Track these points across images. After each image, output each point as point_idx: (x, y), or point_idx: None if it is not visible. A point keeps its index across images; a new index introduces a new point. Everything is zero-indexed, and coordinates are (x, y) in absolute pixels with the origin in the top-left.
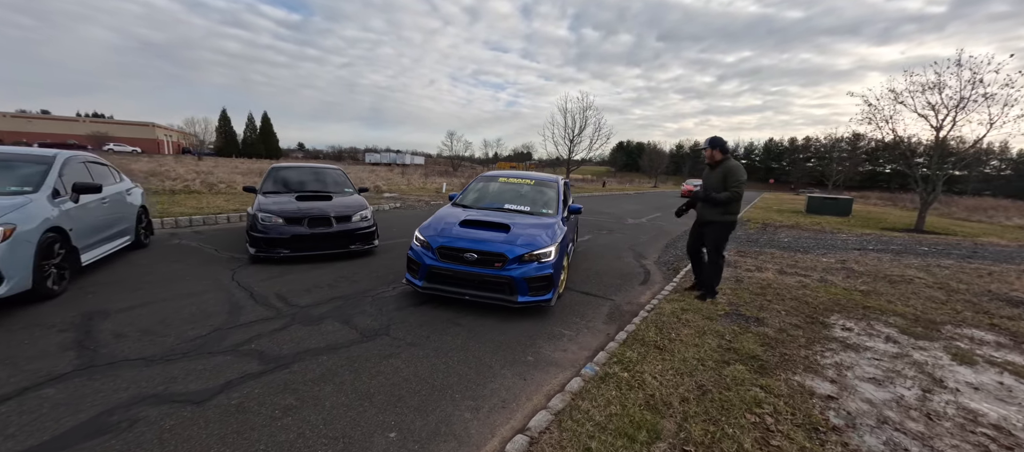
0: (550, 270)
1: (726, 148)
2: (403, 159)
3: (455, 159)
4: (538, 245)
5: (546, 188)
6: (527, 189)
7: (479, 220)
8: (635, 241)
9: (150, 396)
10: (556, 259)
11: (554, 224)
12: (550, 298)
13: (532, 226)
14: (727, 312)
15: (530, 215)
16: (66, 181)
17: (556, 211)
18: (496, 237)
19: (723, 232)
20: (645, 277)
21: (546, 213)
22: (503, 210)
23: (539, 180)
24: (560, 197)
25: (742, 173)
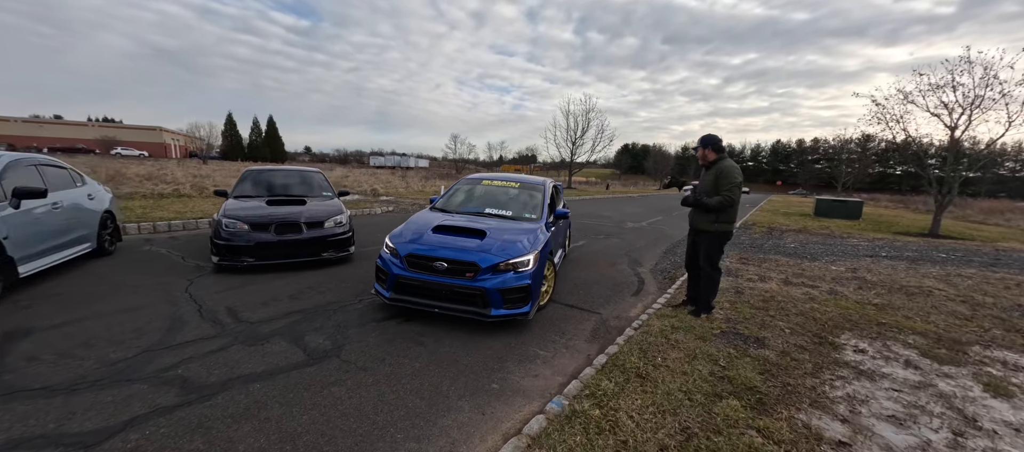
0: (528, 281)
1: (720, 147)
2: (407, 162)
3: (459, 162)
4: (515, 253)
5: (531, 191)
6: (512, 192)
7: (453, 225)
8: (633, 246)
9: (36, 438)
10: (535, 268)
11: (536, 230)
12: (528, 311)
13: (511, 232)
14: (724, 330)
15: (511, 220)
16: (7, 185)
17: (540, 216)
18: (469, 244)
19: (716, 242)
20: (638, 287)
21: (529, 218)
22: (482, 215)
23: (525, 183)
24: (545, 201)
25: (736, 175)
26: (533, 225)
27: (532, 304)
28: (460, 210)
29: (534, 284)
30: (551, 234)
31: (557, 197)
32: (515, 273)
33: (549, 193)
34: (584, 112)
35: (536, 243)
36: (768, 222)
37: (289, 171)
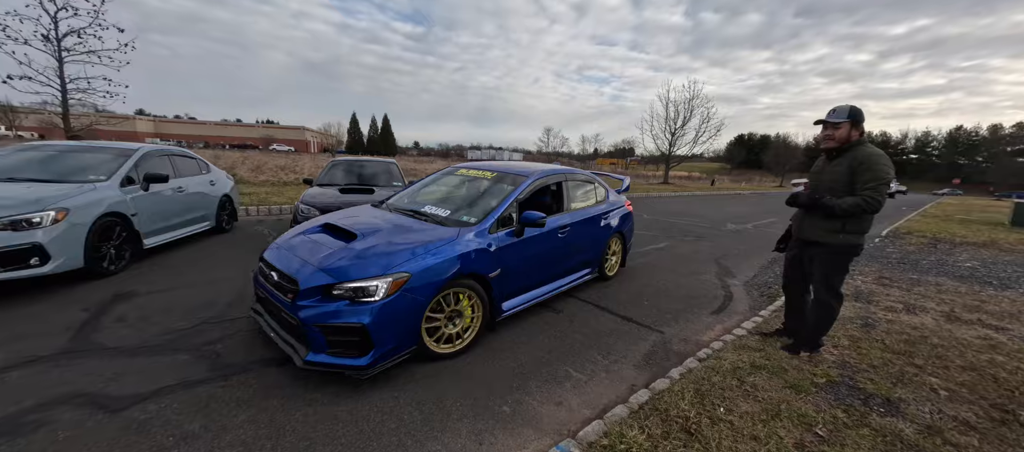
0: (366, 319)
1: (862, 122)
2: (502, 155)
3: (552, 155)
4: (359, 273)
5: (501, 184)
6: (474, 185)
7: (337, 225)
8: (726, 252)
9: (82, 395)
10: (396, 303)
11: (451, 241)
12: (365, 364)
13: (402, 239)
14: (832, 380)
15: (431, 222)
16: (141, 171)
17: (481, 219)
18: (320, 250)
19: (838, 260)
20: (723, 303)
21: (461, 222)
22: (413, 214)
23: (503, 173)
24: (508, 200)
25: (886, 168)
26: (452, 233)
27: (375, 354)
28: (397, 206)
29: (385, 328)
30: (504, 248)
31: (565, 194)
32: (350, 304)
33: (528, 189)
34: (687, 100)
35: (425, 259)
36: (934, 231)
37: (368, 162)
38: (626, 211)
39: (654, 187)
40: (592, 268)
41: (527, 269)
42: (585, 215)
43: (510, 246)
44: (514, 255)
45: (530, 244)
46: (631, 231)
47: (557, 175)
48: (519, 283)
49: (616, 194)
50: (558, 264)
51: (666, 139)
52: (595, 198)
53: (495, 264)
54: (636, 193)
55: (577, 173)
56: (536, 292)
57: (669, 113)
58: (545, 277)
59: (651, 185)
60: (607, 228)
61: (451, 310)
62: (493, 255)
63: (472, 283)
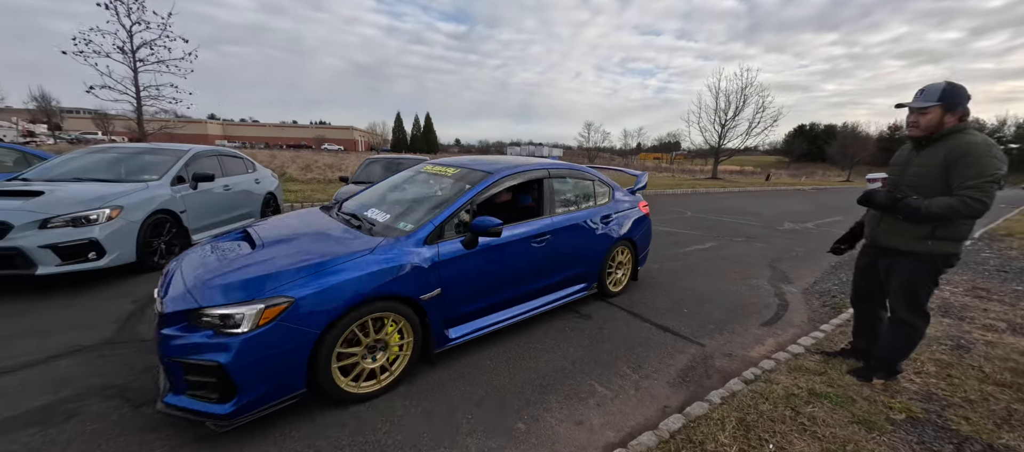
0: (221, 358)
1: (962, 104)
2: (541, 151)
3: (593, 150)
4: (220, 298)
5: (456, 184)
6: (437, 185)
7: (253, 229)
8: (782, 254)
9: (112, 387)
10: (268, 336)
11: (362, 255)
12: (227, 413)
13: (302, 252)
14: (914, 416)
15: (357, 230)
16: (190, 171)
17: (418, 225)
18: (202, 265)
19: (925, 273)
20: (776, 313)
21: (400, 230)
22: (350, 220)
23: (468, 171)
24: (458, 204)
25: (993, 160)
26: (368, 245)
27: (243, 403)
28: (347, 208)
29: (253, 368)
30: (448, 263)
31: (547, 194)
32: (215, 334)
33: (486, 189)
34: (739, 89)
35: (320, 280)
36: None
37: (403, 159)
38: (639, 214)
39: (701, 182)
40: (588, 283)
41: (485, 288)
42: (576, 219)
43: (458, 260)
44: (464, 271)
45: (489, 257)
46: (646, 237)
47: (535, 171)
48: (474, 305)
49: (627, 194)
50: (534, 280)
51: (715, 131)
52: (592, 198)
53: (432, 283)
54: (680, 189)
55: (567, 168)
56: (501, 316)
57: (719, 103)
58: (515, 296)
59: (697, 180)
60: (609, 235)
61: (372, 340)
62: (429, 272)
63: (398, 307)
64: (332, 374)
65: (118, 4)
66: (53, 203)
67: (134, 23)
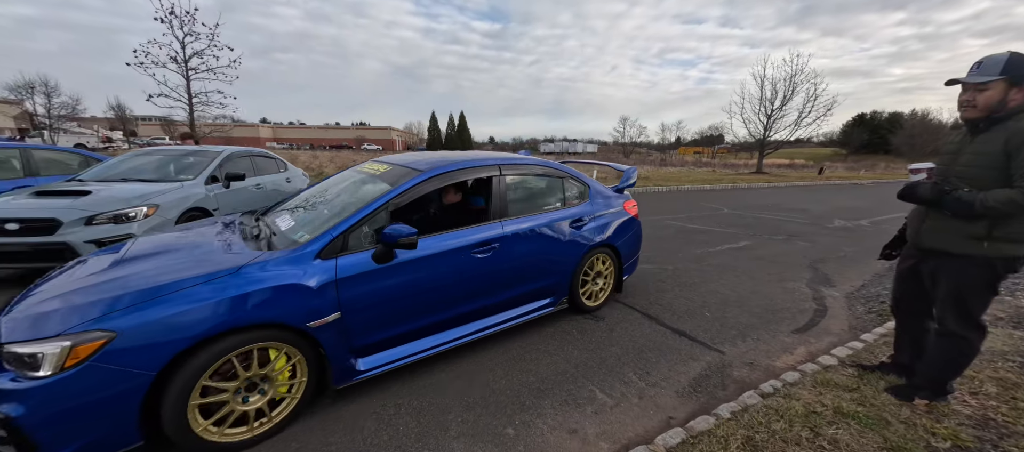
0: (12, 410)
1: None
2: (574, 148)
3: (628, 146)
4: (24, 332)
5: (378, 183)
6: (361, 185)
7: (134, 245)
8: (827, 254)
9: None
10: (78, 382)
11: (221, 276)
12: None
13: (161, 268)
14: (962, 445)
15: (244, 245)
16: (223, 171)
17: (311, 239)
18: (45, 291)
19: (980, 279)
20: (812, 319)
21: (292, 240)
22: (251, 228)
23: (399, 168)
24: (368, 210)
25: None
26: (235, 263)
27: None
28: (263, 215)
29: (56, 422)
30: (352, 280)
31: (497, 195)
32: (13, 377)
33: (410, 190)
34: (787, 76)
35: (156, 309)
36: None
37: None
38: (624, 217)
39: (743, 177)
40: (555, 297)
41: (409, 309)
42: (536, 223)
43: (367, 277)
44: (377, 290)
45: (412, 272)
46: (632, 243)
47: (482, 167)
48: (393, 329)
49: (609, 193)
50: (477, 297)
51: (760, 123)
52: (560, 199)
53: (327, 306)
54: (719, 184)
55: (528, 163)
56: (435, 340)
57: (764, 92)
58: (452, 318)
59: (739, 175)
60: (581, 241)
61: (252, 376)
62: (321, 293)
63: (283, 335)
64: (187, 420)
65: (172, 18)
66: (98, 201)
67: (186, 35)
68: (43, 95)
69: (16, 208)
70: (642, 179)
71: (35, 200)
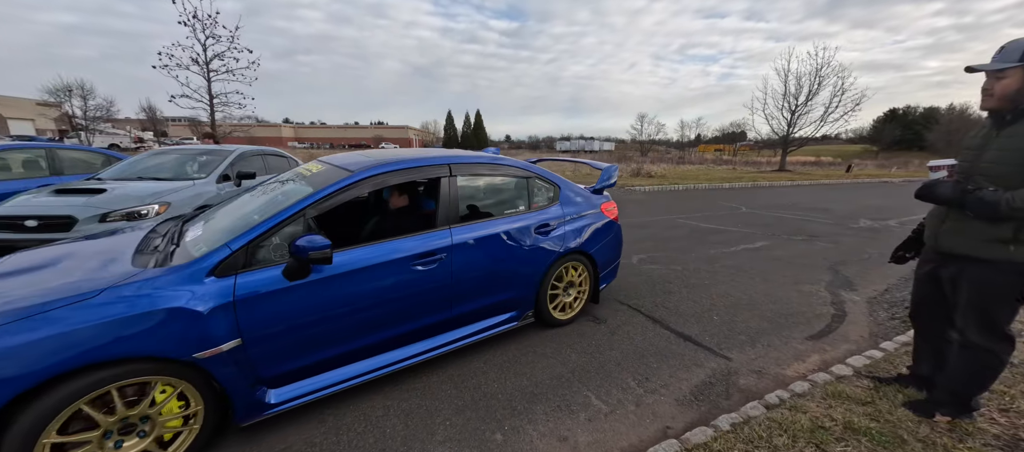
0: None
1: None
2: (591, 146)
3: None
4: None
5: (300, 186)
6: (285, 189)
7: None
8: (849, 256)
9: None
10: None
11: (93, 295)
12: None
13: (22, 286)
14: None
15: (130, 261)
16: (235, 169)
17: (206, 254)
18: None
19: (1007, 286)
20: (829, 325)
21: (191, 255)
22: (150, 244)
23: (332, 168)
24: (277, 219)
25: None
26: (97, 284)
27: None
28: (185, 223)
29: None
30: (257, 301)
31: (446, 198)
32: None
33: (335, 193)
34: (813, 70)
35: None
36: None
37: None
38: (601, 220)
39: (765, 175)
40: (519, 311)
41: (333, 332)
42: (492, 229)
43: (276, 296)
44: (290, 310)
45: (334, 289)
46: (610, 249)
47: (428, 166)
48: (313, 355)
49: (584, 195)
50: (419, 315)
51: (783, 119)
52: (524, 201)
53: (222, 332)
54: (739, 183)
55: (483, 161)
56: (368, 365)
57: (788, 87)
58: (388, 339)
59: (761, 173)
60: (550, 249)
61: (119, 419)
62: (213, 318)
63: (162, 368)
64: None
65: (195, 22)
66: (112, 199)
67: (207, 37)
68: (80, 98)
69: (35, 205)
70: (658, 178)
71: (54, 198)
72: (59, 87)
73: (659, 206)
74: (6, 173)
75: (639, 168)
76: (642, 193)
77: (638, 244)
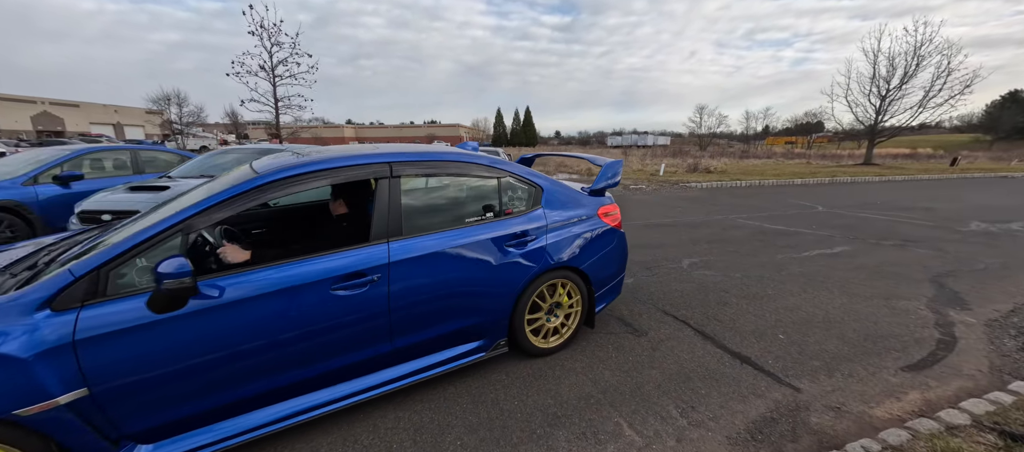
0: None
1: None
2: (644, 140)
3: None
4: None
5: (191, 195)
6: (182, 195)
7: None
8: (958, 267)
9: None
10: None
11: None
12: None
13: None
14: None
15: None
16: None
17: (49, 279)
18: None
19: None
20: (933, 353)
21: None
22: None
23: (241, 172)
24: (139, 239)
25: None
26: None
27: None
28: None
29: None
30: (106, 340)
31: (386, 203)
32: None
33: (226, 202)
34: (911, 49)
35: None
36: None
37: None
38: (598, 228)
39: (846, 169)
40: (486, 340)
41: (224, 374)
42: (446, 243)
43: (136, 333)
44: (158, 350)
45: (221, 321)
46: (610, 262)
47: (360, 166)
48: (200, 403)
49: (576, 196)
50: (345, 350)
51: (870, 105)
52: (492, 207)
53: (58, 381)
54: (814, 178)
55: (433, 158)
56: (277, 411)
57: (878, 70)
58: (304, 380)
59: (841, 167)
60: (525, 264)
61: None
62: (38, 363)
63: None
64: None
65: (262, 31)
66: (172, 195)
67: (273, 45)
68: (176, 106)
69: (110, 201)
70: (717, 173)
71: (127, 194)
72: (160, 96)
73: (717, 204)
74: (100, 172)
75: (696, 163)
76: (698, 190)
77: (689, 247)
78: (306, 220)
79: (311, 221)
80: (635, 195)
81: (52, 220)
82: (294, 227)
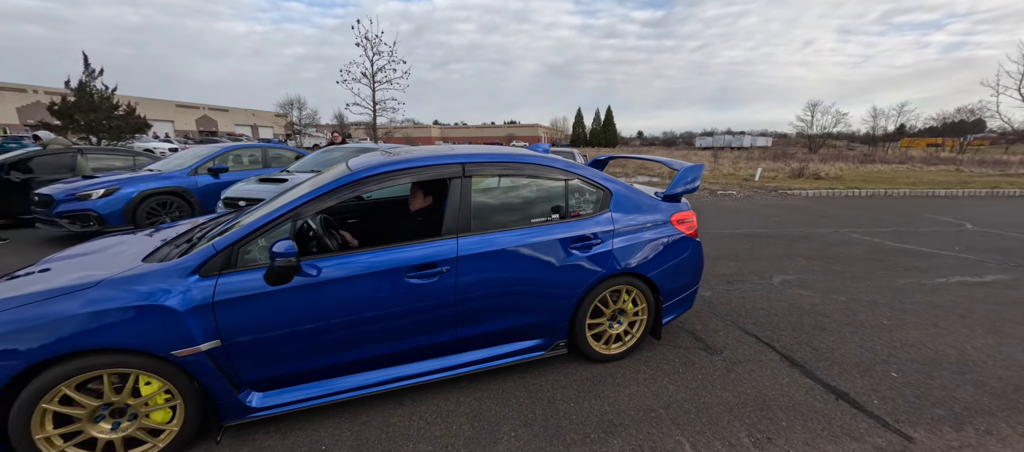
0: None
1: None
2: (740, 141)
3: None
4: None
5: (302, 188)
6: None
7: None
8: None
9: None
10: None
11: (90, 288)
12: None
13: (54, 274)
14: None
15: (149, 255)
16: None
17: (199, 251)
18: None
19: None
20: None
21: (194, 252)
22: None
23: (348, 167)
24: (260, 223)
25: None
26: (92, 277)
27: None
28: None
29: None
30: (236, 304)
31: (457, 201)
32: None
33: (325, 196)
34: None
35: None
36: None
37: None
38: (671, 235)
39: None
40: (546, 339)
41: (317, 342)
42: (510, 241)
43: (255, 300)
44: (269, 317)
45: (318, 297)
46: (682, 272)
47: (435, 166)
48: (300, 364)
49: (650, 201)
50: (416, 333)
51: None
52: (559, 208)
53: (201, 333)
54: (965, 189)
55: (509, 159)
56: (360, 380)
57: None
58: (384, 355)
59: (1006, 176)
60: (589, 268)
61: (105, 404)
62: (189, 317)
63: (143, 363)
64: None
65: (366, 42)
66: (286, 186)
67: (375, 54)
68: (297, 110)
69: (245, 190)
70: (829, 180)
71: (257, 185)
72: (285, 102)
73: (824, 215)
74: (240, 165)
75: (802, 167)
76: (801, 197)
77: (783, 261)
78: (389, 212)
79: (394, 214)
80: (722, 201)
81: (206, 204)
82: (379, 219)
